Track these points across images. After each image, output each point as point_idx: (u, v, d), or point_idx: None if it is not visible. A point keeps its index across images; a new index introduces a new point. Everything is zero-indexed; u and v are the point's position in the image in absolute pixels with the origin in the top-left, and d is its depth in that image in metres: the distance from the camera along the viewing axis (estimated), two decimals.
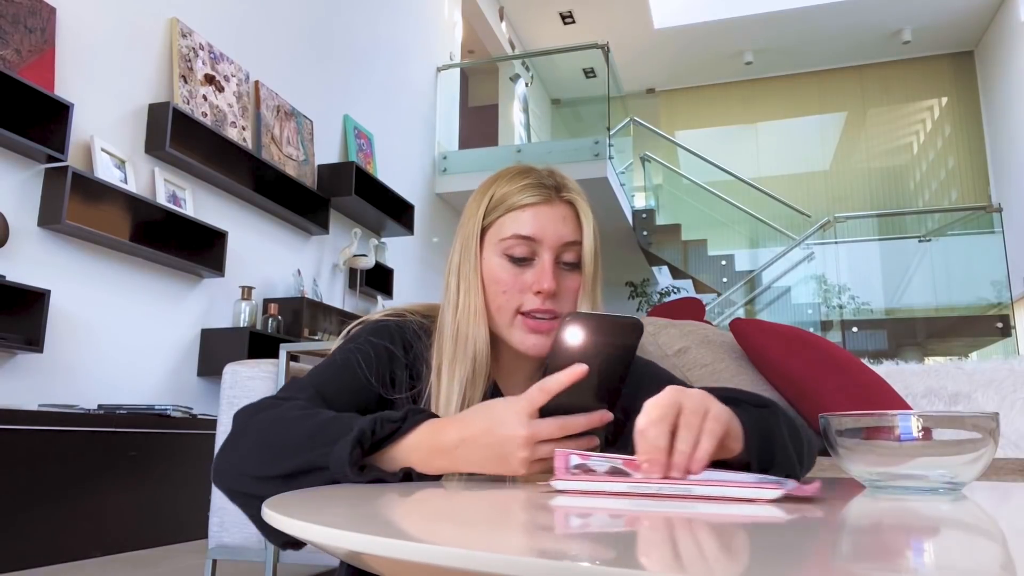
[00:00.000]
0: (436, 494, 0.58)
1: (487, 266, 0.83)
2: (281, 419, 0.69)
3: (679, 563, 0.30)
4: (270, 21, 4.44)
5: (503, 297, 0.82)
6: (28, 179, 2.89)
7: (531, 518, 0.47)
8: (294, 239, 4.54)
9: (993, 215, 7.19)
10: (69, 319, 3.00)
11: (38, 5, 2.92)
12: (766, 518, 0.45)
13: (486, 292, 0.83)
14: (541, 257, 0.82)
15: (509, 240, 0.82)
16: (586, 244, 0.84)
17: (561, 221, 0.83)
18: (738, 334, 1.67)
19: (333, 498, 0.54)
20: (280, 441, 0.67)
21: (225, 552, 1.94)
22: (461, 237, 0.86)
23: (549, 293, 0.80)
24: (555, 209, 0.83)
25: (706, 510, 0.48)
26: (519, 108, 8.17)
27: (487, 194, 0.85)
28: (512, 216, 0.82)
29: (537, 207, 0.82)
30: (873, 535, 0.40)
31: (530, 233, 0.81)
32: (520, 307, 0.81)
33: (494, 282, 0.82)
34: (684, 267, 7.67)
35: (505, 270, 0.82)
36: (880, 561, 0.32)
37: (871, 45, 9.25)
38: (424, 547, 0.33)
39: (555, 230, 0.82)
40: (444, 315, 0.85)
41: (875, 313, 7.38)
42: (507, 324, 0.82)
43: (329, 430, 0.66)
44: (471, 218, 0.85)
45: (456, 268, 0.85)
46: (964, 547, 0.37)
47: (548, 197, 0.83)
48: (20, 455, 2.42)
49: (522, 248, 0.81)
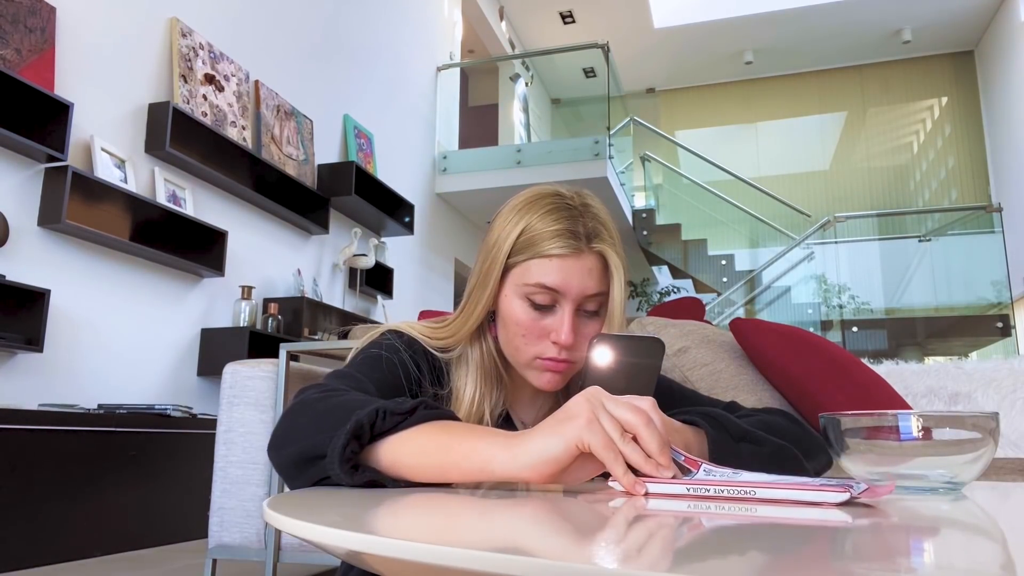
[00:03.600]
0: (437, 494, 0.58)
1: (507, 304, 0.83)
2: (305, 401, 0.68)
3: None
4: (270, 21, 4.44)
5: (521, 340, 0.82)
6: (28, 179, 2.89)
7: (534, 518, 0.47)
8: (294, 239, 4.54)
9: (993, 215, 7.20)
10: (69, 319, 3.00)
11: (38, 5, 2.91)
12: (784, 519, 0.45)
13: (500, 326, 0.85)
14: (562, 307, 0.81)
15: (533, 287, 0.81)
16: (615, 295, 0.83)
17: (587, 274, 0.81)
18: (738, 334, 1.67)
19: (333, 498, 0.54)
20: (297, 422, 0.66)
21: (225, 552, 1.94)
22: (483, 265, 0.85)
23: (566, 346, 0.81)
24: (582, 262, 0.81)
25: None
26: (519, 108, 8.17)
27: (517, 227, 0.82)
28: (539, 263, 0.81)
29: (565, 259, 0.80)
30: (873, 535, 0.40)
31: (555, 285, 0.80)
32: (538, 354, 0.82)
33: (514, 323, 0.83)
34: (684, 267, 7.67)
35: (526, 314, 0.82)
36: (879, 561, 0.32)
37: (871, 45, 9.26)
38: (425, 547, 0.33)
39: (580, 283, 0.81)
40: (463, 327, 0.87)
41: (875, 313, 7.38)
42: (522, 364, 0.84)
43: (337, 413, 0.63)
44: (498, 247, 0.83)
45: (476, 285, 0.86)
46: (964, 547, 0.37)
47: (578, 249, 0.81)
48: (20, 455, 2.42)
49: (544, 297, 0.81)
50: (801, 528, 0.41)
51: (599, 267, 0.82)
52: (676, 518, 0.45)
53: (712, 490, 0.53)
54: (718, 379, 1.57)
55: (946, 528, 0.43)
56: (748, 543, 0.36)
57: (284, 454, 0.65)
